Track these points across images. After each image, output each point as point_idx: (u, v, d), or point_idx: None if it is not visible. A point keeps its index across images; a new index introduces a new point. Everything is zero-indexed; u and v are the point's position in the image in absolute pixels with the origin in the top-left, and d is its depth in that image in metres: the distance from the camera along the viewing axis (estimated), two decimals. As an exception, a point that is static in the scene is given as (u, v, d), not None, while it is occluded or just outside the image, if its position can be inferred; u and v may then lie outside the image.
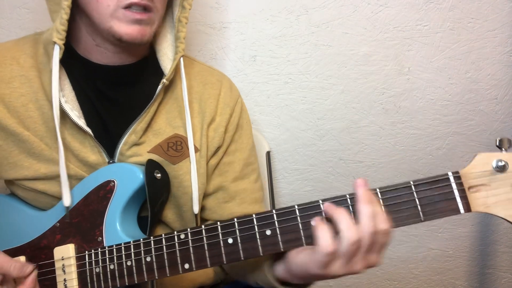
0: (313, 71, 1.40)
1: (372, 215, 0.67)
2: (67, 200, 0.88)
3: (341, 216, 0.69)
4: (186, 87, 0.95)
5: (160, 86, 0.92)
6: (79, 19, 0.91)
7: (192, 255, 0.77)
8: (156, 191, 0.90)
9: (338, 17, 1.35)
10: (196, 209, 0.94)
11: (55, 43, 0.85)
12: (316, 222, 0.70)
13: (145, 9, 0.84)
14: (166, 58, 0.98)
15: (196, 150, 0.96)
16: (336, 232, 0.69)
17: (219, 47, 1.36)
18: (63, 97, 0.89)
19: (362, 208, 0.68)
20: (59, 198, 0.91)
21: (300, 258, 0.72)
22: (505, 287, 1.67)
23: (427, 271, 1.65)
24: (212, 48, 1.36)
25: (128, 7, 0.83)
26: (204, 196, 1.01)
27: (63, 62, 0.91)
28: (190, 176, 0.95)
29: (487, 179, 0.69)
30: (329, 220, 0.71)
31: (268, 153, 1.36)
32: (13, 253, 0.91)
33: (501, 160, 0.68)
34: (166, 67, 0.97)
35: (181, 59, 0.94)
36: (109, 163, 0.92)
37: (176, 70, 0.95)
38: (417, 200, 0.70)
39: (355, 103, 1.43)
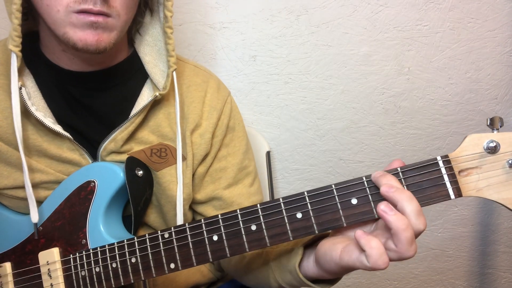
0: (313, 71, 1.35)
1: (418, 213, 0.60)
2: (34, 216, 0.81)
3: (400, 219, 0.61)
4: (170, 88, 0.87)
5: (150, 99, 0.84)
6: (42, 23, 0.82)
7: (177, 255, 0.72)
8: (138, 189, 0.84)
9: (338, 17, 1.31)
10: (180, 221, 0.88)
11: (11, 50, 0.76)
12: (358, 234, 0.62)
13: (101, 14, 0.73)
14: (158, 70, 0.88)
15: (183, 158, 0.89)
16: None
17: (219, 47, 1.30)
18: (33, 105, 0.82)
19: (407, 206, 0.60)
20: (41, 202, 0.86)
21: (335, 256, 0.65)
22: (505, 287, 1.65)
23: (427, 271, 1.62)
24: (212, 48, 1.31)
25: (80, 12, 0.72)
26: (198, 203, 0.95)
27: (31, 67, 0.85)
28: (174, 186, 0.88)
29: (478, 162, 0.63)
30: None
31: (268, 153, 1.31)
32: None
33: (492, 141, 0.62)
34: (159, 80, 0.87)
35: (174, 73, 0.85)
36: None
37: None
38: (405, 187, 0.64)
39: (355, 103, 1.39)
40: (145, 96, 0.87)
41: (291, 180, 1.46)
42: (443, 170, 0.63)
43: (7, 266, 0.83)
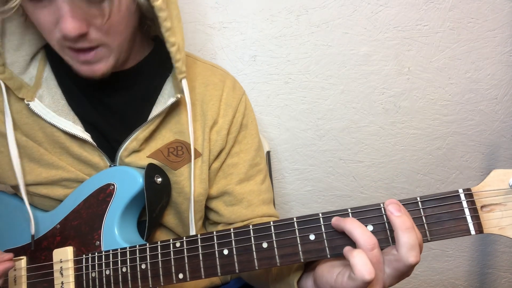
0: (313, 71, 1.38)
1: (412, 247, 0.61)
2: (32, 228, 0.87)
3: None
4: (188, 88, 0.89)
5: (172, 100, 0.86)
6: None
7: (186, 265, 0.73)
8: (155, 196, 0.87)
9: (338, 17, 1.34)
10: (193, 216, 0.92)
11: None
12: (345, 249, 0.65)
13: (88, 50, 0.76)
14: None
15: (199, 154, 0.93)
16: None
17: (219, 47, 1.34)
18: (50, 112, 0.87)
19: (402, 237, 0.61)
20: (60, 200, 0.91)
21: (331, 278, 0.68)
22: (505, 287, 1.67)
23: (427, 271, 1.64)
24: (212, 48, 1.34)
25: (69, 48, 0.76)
26: (210, 198, 0.99)
27: (53, 64, 0.89)
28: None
29: (503, 198, 0.61)
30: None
31: (268, 153, 1.33)
32: (15, 253, 0.90)
33: None
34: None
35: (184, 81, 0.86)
36: (110, 166, 0.90)
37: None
38: (423, 218, 0.64)
39: (355, 103, 1.42)
40: (166, 95, 0.90)
41: (291, 180, 1.50)
42: (465, 204, 0.62)
43: (23, 260, 0.87)
